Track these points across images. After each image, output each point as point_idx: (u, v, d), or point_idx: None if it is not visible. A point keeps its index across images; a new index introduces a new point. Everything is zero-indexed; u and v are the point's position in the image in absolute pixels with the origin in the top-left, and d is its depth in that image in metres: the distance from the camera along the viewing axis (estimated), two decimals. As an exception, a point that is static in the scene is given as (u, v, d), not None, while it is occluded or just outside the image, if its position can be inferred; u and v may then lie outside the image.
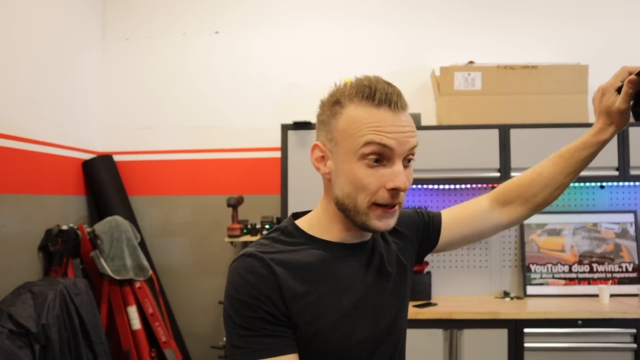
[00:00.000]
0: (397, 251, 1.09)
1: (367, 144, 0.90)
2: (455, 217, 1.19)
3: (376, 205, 0.93)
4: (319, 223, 1.01)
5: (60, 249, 2.86)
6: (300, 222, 1.02)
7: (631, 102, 1.07)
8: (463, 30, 3.37)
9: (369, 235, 1.04)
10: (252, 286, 0.89)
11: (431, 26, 3.39)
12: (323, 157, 0.97)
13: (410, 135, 0.92)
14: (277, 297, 0.89)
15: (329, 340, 0.93)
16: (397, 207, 0.95)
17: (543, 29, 3.33)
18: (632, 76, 1.00)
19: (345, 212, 0.95)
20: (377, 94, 0.91)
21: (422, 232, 1.17)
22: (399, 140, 0.90)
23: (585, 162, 1.13)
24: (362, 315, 0.97)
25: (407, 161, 0.94)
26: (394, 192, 0.92)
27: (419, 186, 3.16)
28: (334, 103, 0.95)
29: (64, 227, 2.91)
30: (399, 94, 0.93)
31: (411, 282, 1.14)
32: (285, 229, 1.01)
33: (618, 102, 1.04)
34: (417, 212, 1.19)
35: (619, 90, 1.04)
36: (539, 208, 1.18)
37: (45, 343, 2.35)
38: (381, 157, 0.91)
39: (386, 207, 0.93)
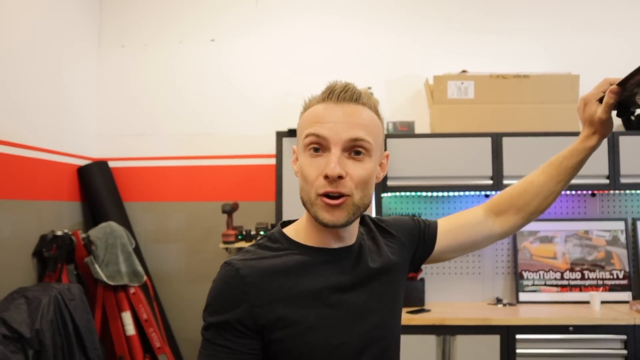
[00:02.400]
0: (388, 254, 1.10)
1: (307, 135, 0.96)
2: (450, 226, 1.20)
3: (320, 195, 0.95)
4: (303, 229, 1.04)
5: (54, 254, 2.87)
6: (288, 230, 1.06)
7: (615, 112, 1.10)
8: (456, 40, 3.41)
9: (352, 239, 1.05)
10: (222, 295, 0.96)
11: (425, 35, 3.43)
12: (297, 158, 1.04)
13: (349, 126, 0.95)
14: (243, 308, 0.94)
15: (307, 343, 0.96)
16: (343, 200, 0.95)
17: (535, 39, 3.38)
18: (613, 87, 1.03)
19: (305, 206, 0.99)
20: (328, 90, 0.98)
21: (418, 238, 1.18)
22: (335, 130, 0.94)
23: (575, 169, 1.15)
24: (343, 318, 0.99)
25: (354, 153, 0.96)
26: (327, 180, 0.93)
27: (413, 193, 3.19)
28: (303, 110, 1.03)
29: (59, 233, 2.92)
30: (349, 89, 0.97)
31: (404, 286, 1.15)
32: (272, 236, 1.05)
33: (599, 112, 1.07)
34: (413, 220, 1.21)
35: (601, 100, 1.07)
36: (532, 217, 1.20)
37: (39, 348, 2.36)
38: (320, 146, 0.95)
39: (330, 197, 0.94)
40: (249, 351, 0.94)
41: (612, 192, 3.15)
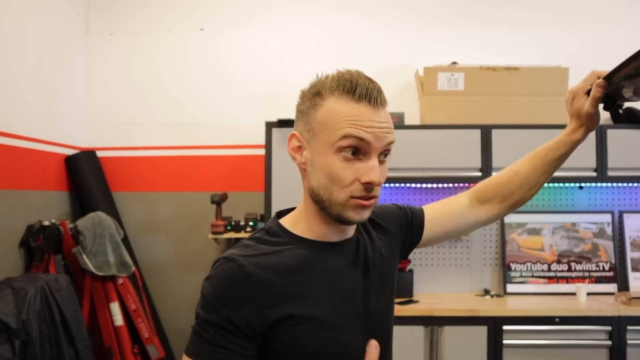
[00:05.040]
0: (381, 247, 1.09)
1: (345, 137, 0.90)
2: (436, 213, 1.21)
3: (352, 197, 0.93)
4: (301, 221, 1.01)
5: (41, 244, 2.84)
6: (284, 221, 1.02)
7: (602, 105, 1.10)
8: (447, 31, 3.41)
9: (351, 232, 1.04)
10: (226, 293, 0.90)
11: (416, 26, 3.42)
12: (300, 146, 0.98)
13: (387, 131, 0.93)
14: (249, 309, 0.90)
15: (317, 340, 0.93)
16: (372, 200, 0.95)
17: (525, 32, 3.38)
18: (600, 80, 1.03)
19: (320, 203, 0.95)
20: (358, 88, 0.92)
21: (406, 227, 1.17)
22: (376, 135, 0.91)
23: (559, 161, 1.16)
24: (350, 313, 0.98)
25: (383, 156, 0.95)
26: (368, 186, 0.92)
27: (402, 184, 3.19)
28: (314, 94, 0.96)
29: (46, 223, 2.89)
30: (379, 90, 0.94)
31: (396, 276, 1.15)
32: (270, 229, 1.01)
33: (587, 105, 1.07)
34: (399, 208, 1.20)
35: (589, 93, 1.07)
36: (516, 206, 1.21)
37: (26, 339, 2.34)
38: (357, 150, 0.92)
39: (362, 199, 0.93)
40: (247, 352, 0.91)
41: (599, 184, 3.18)
